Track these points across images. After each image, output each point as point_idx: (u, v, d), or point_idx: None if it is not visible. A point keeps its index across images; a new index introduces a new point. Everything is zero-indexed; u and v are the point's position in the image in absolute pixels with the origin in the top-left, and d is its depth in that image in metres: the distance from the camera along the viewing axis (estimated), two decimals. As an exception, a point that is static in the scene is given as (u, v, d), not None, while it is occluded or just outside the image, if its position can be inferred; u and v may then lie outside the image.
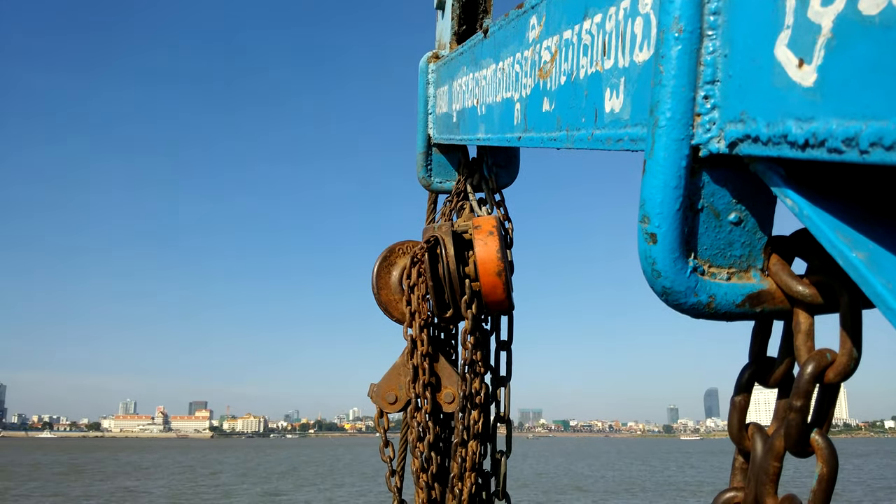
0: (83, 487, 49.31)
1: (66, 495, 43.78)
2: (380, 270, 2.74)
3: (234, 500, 40.58)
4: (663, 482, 56.50)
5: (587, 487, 49.47)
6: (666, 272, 1.07)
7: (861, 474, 63.55)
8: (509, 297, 2.48)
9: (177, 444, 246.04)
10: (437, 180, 2.93)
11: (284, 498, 41.57)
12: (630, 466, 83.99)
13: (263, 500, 41.15)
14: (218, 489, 48.01)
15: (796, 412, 1.06)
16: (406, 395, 2.60)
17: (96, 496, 42.83)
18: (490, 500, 2.61)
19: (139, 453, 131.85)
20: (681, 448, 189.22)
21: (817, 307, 1.09)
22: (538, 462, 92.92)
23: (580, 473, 66.37)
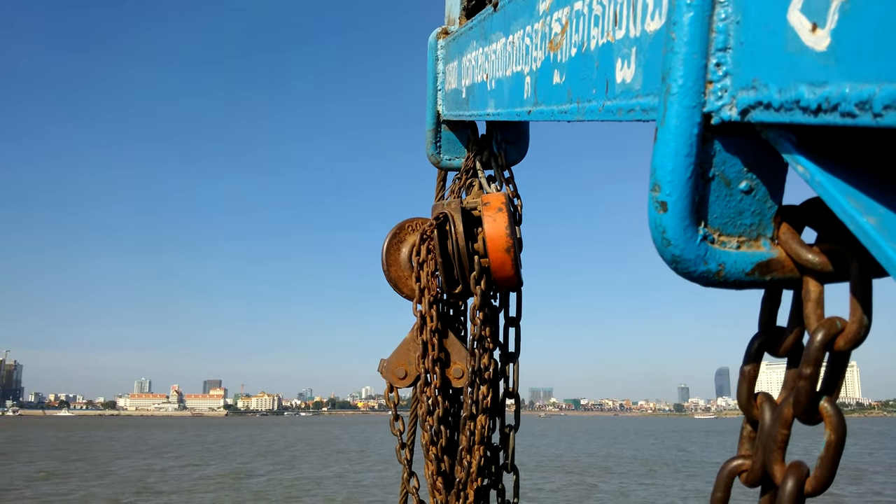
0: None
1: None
2: (389, 247, 2.75)
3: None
4: (688, 461, 55.80)
5: (613, 468, 48.50)
6: (676, 240, 1.07)
7: (884, 454, 63.04)
8: (518, 273, 2.49)
9: (193, 421, 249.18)
10: (446, 157, 2.93)
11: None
12: (650, 445, 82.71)
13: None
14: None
15: (805, 379, 1.06)
16: (416, 370, 2.63)
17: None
18: (499, 473, 2.63)
19: (168, 429, 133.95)
20: (696, 427, 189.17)
21: (827, 275, 1.09)
22: (558, 441, 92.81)
23: (601, 453, 65.20)
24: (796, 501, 1.09)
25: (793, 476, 1.09)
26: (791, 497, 1.09)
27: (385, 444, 73.15)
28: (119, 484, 36.74)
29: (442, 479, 2.52)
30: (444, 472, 2.54)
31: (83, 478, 40.66)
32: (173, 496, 32.19)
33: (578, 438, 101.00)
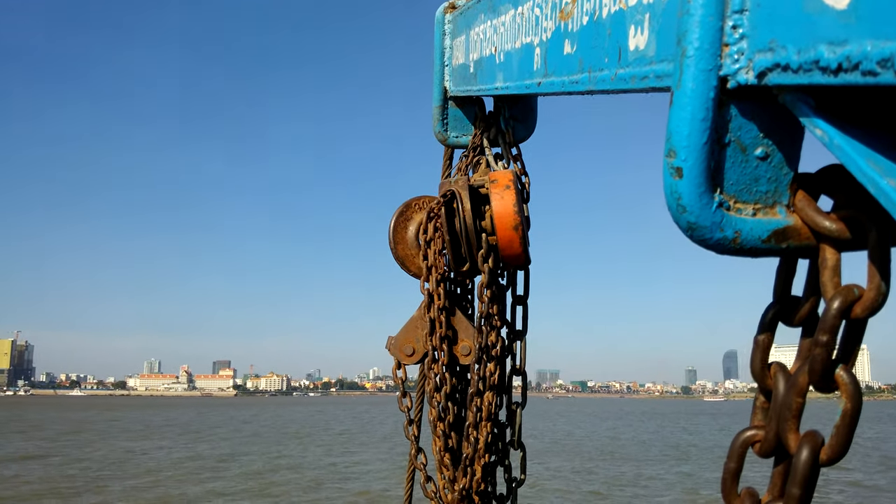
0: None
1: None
2: (396, 225, 2.74)
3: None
4: (703, 445, 55.48)
5: (624, 454, 47.03)
6: (691, 207, 1.06)
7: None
8: (526, 251, 2.48)
9: (203, 402, 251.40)
10: (453, 135, 2.91)
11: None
12: (662, 428, 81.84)
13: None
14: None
15: (822, 347, 1.05)
16: (423, 347, 2.63)
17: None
18: (506, 450, 2.64)
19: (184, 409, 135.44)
20: (705, 409, 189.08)
21: (844, 243, 1.07)
22: (569, 423, 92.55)
23: (614, 437, 64.16)
24: (811, 470, 1.09)
25: (808, 445, 1.09)
26: (806, 466, 1.08)
27: (377, 425, 73.67)
28: (87, 467, 36.60)
29: (449, 454, 2.53)
30: (452, 448, 2.54)
31: (65, 457, 40.76)
32: (131, 482, 32.08)
33: (601, 420, 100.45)
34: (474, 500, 2.47)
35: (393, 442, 50.59)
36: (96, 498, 26.27)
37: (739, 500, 1.25)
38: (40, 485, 28.97)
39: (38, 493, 27.05)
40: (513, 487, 2.64)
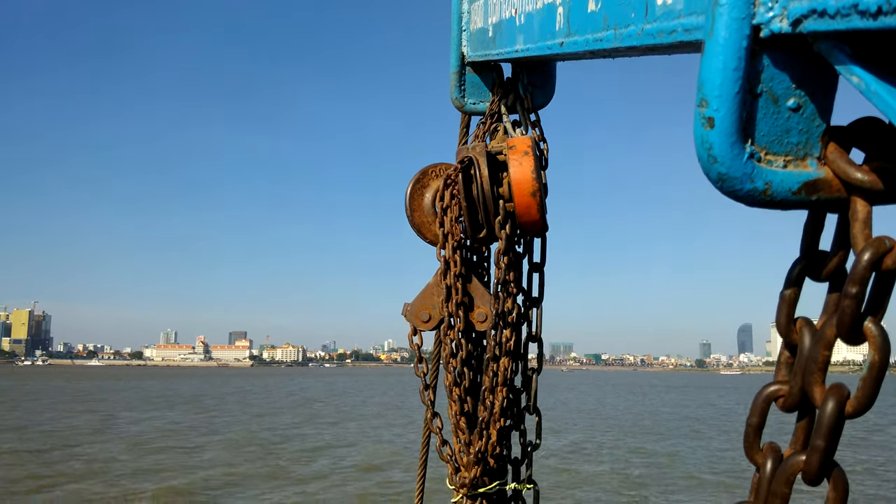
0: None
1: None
2: (413, 192, 2.74)
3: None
4: (727, 421, 55.04)
5: (651, 428, 46.46)
6: (723, 158, 1.05)
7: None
8: (543, 218, 2.48)
9: (219, 371, 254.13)
10: (470, 101, 2.89)
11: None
12: (682, 403, 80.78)
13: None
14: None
15: (851, 298, 1.05)
16: (439, 314, 2.64)
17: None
18: (521, 415, 2.66)
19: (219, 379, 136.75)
20: (722, 383, 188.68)
21: (876, 195, 1.07)
22: (587, 397, 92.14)
23: (636, 411, 63.29)
24: (837, 422, 1.09)
25: (834, 396, 1.09)
26: (832, 417, 1.08)
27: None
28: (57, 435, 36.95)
29: (465, 419, 2.55)
30: (468, 412, 2.57)
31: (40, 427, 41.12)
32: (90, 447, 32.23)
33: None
34: (490, 462, 2.49)
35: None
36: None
37: (762, 454, 1.26)
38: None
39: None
40: (528, 451, 2.66)
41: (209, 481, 24.69)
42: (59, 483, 23.75)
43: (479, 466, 2.48)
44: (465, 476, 2.49)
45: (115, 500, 21.28)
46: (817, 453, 1.11)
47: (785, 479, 1.17)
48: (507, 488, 2.60)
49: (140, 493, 22.24)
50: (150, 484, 23.25)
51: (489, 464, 2.50)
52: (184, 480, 24.68)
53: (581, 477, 26.43)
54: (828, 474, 1.13)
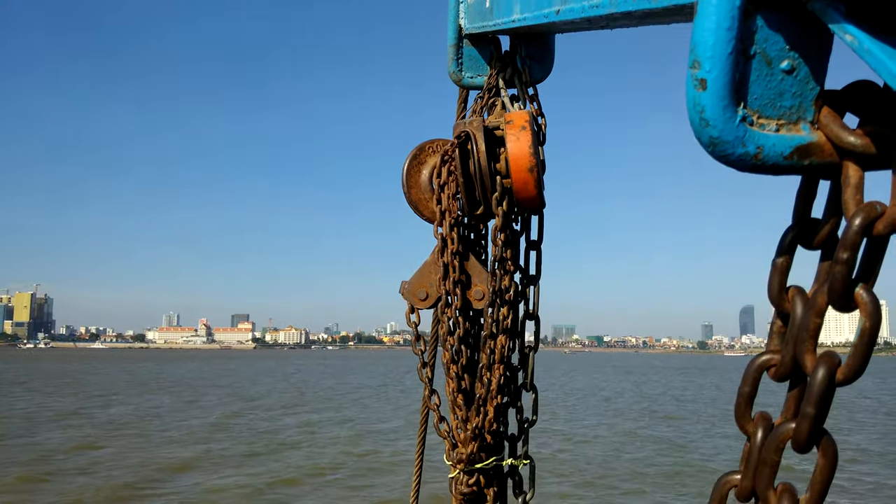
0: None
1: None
2: (410, 169, 2.72)
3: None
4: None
5: (666, 411, 44.63)
6: (714, 121, 1.04)
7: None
8: (541, 194, 2.46)
9: (223, 354, 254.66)
10: (468, 75, 2.86)
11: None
12: (691, 385, 79.74)
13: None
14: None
15: (842, 264, 1.04)
16: (436, 292, 2.63)
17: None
18: (518, 392, 2.66)
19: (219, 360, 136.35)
20: (727, 365, 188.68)
21: (868, 159, 1.06)
22: (596, 379, 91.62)
23: (647, 394, 62.19)
24: (827, 389, 1.08)
25: (824, 364, 1.08)
26: (822, 384, 1.08)
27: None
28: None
29: (462, 395, 2.55)
30: (465, 389, 2.57)
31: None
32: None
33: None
34: (486, 438, 2.49)
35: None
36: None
37: (753, 423, 1.25)
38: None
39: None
40: (524, 427, 2.67)
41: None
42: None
43: (476, 442, 2.49)
44: (463, 452, 2.50)
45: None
46: (807, 421, 1.10)
47: (775, 447, 1.17)
48: (504, 464, 2.60)
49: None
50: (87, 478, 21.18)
51: (486, 440, 2.51)
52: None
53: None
54: (817, 442, 1.13)
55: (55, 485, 19.93)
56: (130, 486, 19.92)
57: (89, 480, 20.66)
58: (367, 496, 19.69)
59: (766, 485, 1.19)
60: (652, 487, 20.86)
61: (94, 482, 20.33)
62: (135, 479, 20.78)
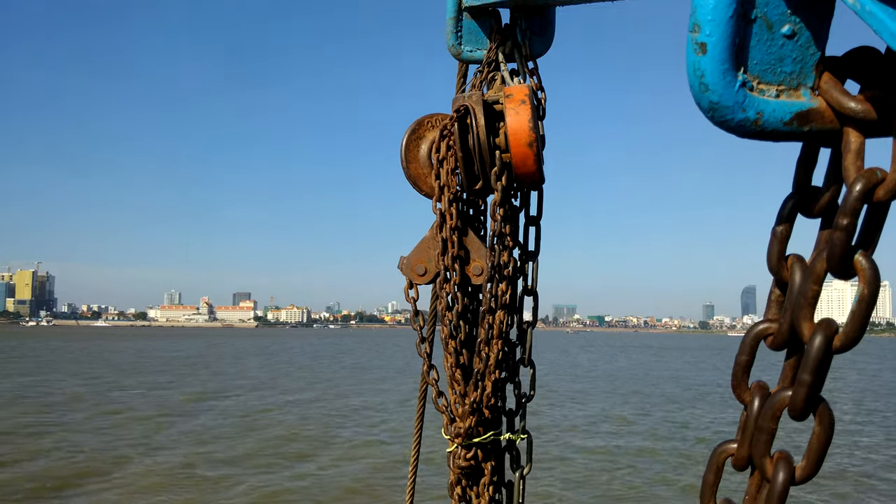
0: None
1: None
2: (408, 144, 2.71)
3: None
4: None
5: (674, 396, 42.48)
6: (714, 85, 1.03)
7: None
8: (540, 169, 2.45)
9: (225, 332, 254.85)
10: (467, 49, 2.83)
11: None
12: (694, 365, 78.21)
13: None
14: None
15: (842, 230, 1.04)
16: (435, 267, 2.63)
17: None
18: (516, 367, 2.67)
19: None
20: (732, 344, 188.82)
21: (869, 126, 1.05)
22: (600, 359, 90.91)
23: (655, 375, 60.55)
24: (824, 356, 1.08)
25: (822, 331, 1.08)
26: (819, 351, 1.08)
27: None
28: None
29: (460, 370, 2.56)
30: (463, 364, 2.57)
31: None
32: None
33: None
34: (484, 413, 2.50)
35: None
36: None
37: (749, 392, 1.26)
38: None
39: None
40: (522, 403, 2.68)
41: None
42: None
43: (473, 417, 2.50)
44: (461, 426, 2.51)
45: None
46: (804, 388, 1.11)
47: (771, 415, 1.17)
48: (502, 438, 2.62)
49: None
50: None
51: (484, 414, 2.52)
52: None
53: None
54: (814, 409, 1.13)
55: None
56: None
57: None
58: (367, 466, 19.86)
59: (762, 452, 1.19)
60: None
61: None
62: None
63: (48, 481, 17.47)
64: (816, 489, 17.45)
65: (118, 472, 18.47)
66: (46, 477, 17.94)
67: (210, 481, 17.76)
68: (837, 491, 17.86)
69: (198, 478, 18.15)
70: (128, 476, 18.16)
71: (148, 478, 17.96)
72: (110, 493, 16.50)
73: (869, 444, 24.69)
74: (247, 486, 17.43)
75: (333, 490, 17.49)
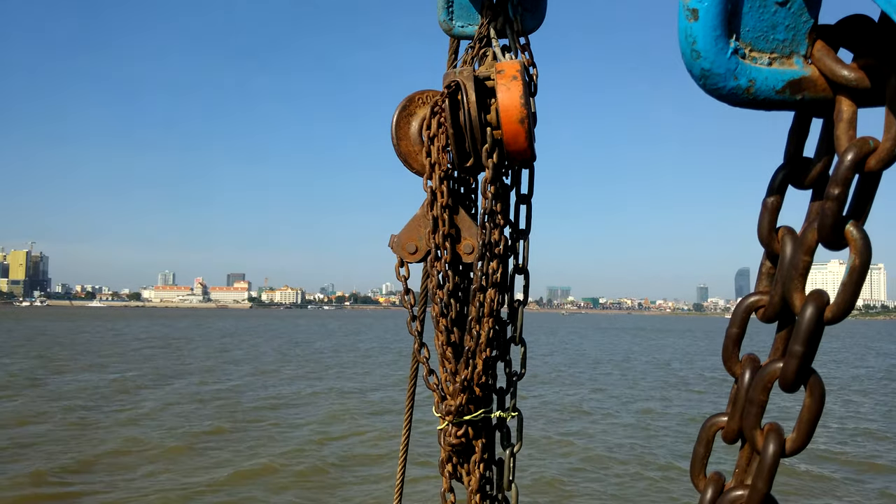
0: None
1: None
2: (399, 120, 2.68)
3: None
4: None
5: (693, 383, 40.24)
6: (706, 52, 1.01)
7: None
8: (531, 146, 2.44)
9: (218, 313, 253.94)
10: (458, 24, 2.79)
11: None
12: (699, 350, 76.25)
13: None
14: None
15: (833, 200, 1.03)
16: (426, 245, 2.62)
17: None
18: (507, 345, 2.67)
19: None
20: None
21: (862, 94, 1.04)
22: (603, 341, 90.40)
23: (660, 360, 58.64)
24: (815, 327, 1.08)
25: (813, 302, 1.08)
26: (811, 322, 1.07)
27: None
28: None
29: (451, 349, 2.56)
30: (454, 342, 2.57)
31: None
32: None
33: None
34: (475, 391, 2.50)
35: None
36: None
37: (740, 365, 1.25)
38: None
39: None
40: (513, 381, 2.68)
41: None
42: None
43: (464, 395, 2.50)
44: (451, 404, 2.51)
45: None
46: (795, 359, 1.10)
47: (762, 387, 1.16)
48: (492, 416, 2.62)
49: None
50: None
51: (475, 392, 2.52)
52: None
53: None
54: (805, 381, 1.12)
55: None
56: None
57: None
58: (357, 446, 19.93)
59: (752, 424, 1.19)
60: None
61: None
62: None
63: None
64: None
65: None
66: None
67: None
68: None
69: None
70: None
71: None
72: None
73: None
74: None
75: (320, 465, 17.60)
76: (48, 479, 15.58)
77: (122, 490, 14.96)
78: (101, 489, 14.99)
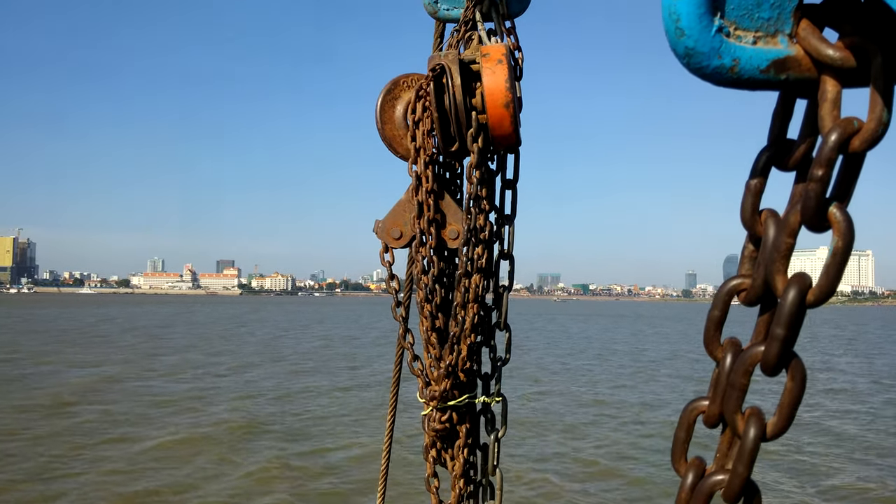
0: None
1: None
2: (384, 104, 2.65)
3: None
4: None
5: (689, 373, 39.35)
6: (690, 30, 1.00)
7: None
8: (517, 131, 2.42)
9: (207, 299, 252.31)
10: (443, 7, 2.77)
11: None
12: (692, 337, 73.92)
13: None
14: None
15: (816, 181, 1.02)
16: (411, 230, 2.60)
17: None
18: (492, 331, 2.66)
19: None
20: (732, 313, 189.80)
21: (847, 74, 1.02)
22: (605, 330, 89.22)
23: (660, 349, 57.30)
24: (797, 310, 1.07)
25: (795, 284, 1.07)
26: (793, 305, 1.06)
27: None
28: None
29: (436, 334, 2.55)
30: (439, 328, 2.56)
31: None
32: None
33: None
34: (460, 376, 2.50)
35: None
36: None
37: (722, 348, 1.24)
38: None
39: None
40: (497, 366, 2.67)
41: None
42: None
43: (449, 380, 2.49)
44: (436, 389, 2.50)
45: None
46: (776, 342, 1.09)
47: (743, 370, 1.15)
48: (477, 401, 2.61)
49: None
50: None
51: (459, 378, 2.51)
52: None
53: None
54: (786, 365, 1.12)
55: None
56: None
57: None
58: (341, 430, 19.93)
59: (733, 409, 1.18)
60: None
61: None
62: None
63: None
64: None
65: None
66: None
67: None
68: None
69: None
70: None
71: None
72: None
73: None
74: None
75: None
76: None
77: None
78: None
